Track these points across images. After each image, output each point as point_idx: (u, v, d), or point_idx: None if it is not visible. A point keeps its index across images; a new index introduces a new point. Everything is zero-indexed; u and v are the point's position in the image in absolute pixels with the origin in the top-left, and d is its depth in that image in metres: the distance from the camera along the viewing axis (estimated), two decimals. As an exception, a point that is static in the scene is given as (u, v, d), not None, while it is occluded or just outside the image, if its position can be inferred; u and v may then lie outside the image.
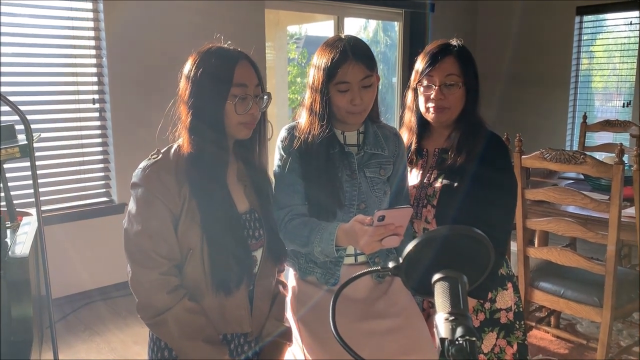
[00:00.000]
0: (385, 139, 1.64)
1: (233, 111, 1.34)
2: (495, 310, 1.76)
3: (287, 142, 1.59)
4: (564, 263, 2.36)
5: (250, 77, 1.36)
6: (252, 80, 1.36)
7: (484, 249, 0.79)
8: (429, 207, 1.71)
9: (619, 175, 2.10)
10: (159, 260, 1.32)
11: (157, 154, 1.38)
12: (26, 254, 1.74)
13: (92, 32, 3.54)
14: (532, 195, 2.43)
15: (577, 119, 5.50)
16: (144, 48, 3.62)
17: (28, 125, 2.01)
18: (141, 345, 2.98)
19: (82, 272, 3.53)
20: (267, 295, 1.50)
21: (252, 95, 1.35)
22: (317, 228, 1.48)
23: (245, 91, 1.34)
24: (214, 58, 1.34)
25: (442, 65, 1.68)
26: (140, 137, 3.39)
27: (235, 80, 1.33)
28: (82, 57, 3.56)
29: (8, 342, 1.64)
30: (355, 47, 1.50)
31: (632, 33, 5.16)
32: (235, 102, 1.33)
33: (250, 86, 1.35)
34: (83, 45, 3.54)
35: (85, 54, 3.57)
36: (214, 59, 1.34)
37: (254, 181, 1.48)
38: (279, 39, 6.26)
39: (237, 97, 1.33)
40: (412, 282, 0.82)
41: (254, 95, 1.36)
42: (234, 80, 1.32)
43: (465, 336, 0.65)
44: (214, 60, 1.34)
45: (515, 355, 1.78)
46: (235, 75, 1.33)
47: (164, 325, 1.33)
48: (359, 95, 1.50)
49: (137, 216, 1.33)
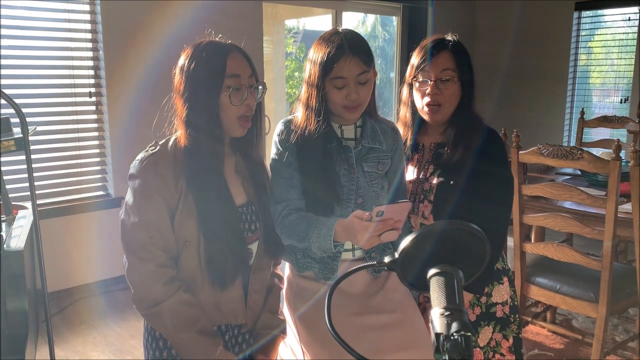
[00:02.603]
0: (383, 133, 1.63)
1: (229, 103, 1.34)
2: (492, 304, 1.76)
3: (284, 136, 1.57)
4: (560, 259, 2.36)
5: (243, 68, 1.36)
6: (245, 70, 1.37)
7: (480, 243, 0.79)
8: (426, 202, 1.71)
9: (616, 171, 2.10)
10: (155, 252, 1.33)
11: (155, 146, 1.39)
12: (21, 248, 1.73)
13: (88, 25, 3.52)
14: (529, 190, 2.43)
15: (574, 114, 5.50)
16: (140, 42, 3.60)
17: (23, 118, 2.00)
18: (137, 339, 2.98)
19: (78, 265, 3.53)
20: (262, 288, 1.51)
21: (246, 86, 1.36)
22: (315, 223, 1.47)
23: (238, 81, 1.34)
24: (206, 51, 1.35)
25: (437, 60, 1.67)
26: (136, 130, 3.38)
27: (228, 71, 1.33)
28: (78, 50, 3.54)
29: (3, 336, 1.64)
30: (352, 41, 1.48)
31: (631, 29, 5.16)
32: (230, 93, 1.33)
33: (243, 76, 1.36)
34: (80, 38, 3.52)
35: (82, 46, 3.55)
36: (206, 52, 1.35)
37: (251, 174, 1.49)
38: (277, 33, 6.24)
39: (231, 88, 1.33)
40: (408, 277, 0.82)
41: (248, 85, 1.37)
42: (226, 71, 1.33)
43: (460, 331, 0.65)
44: (206, 53, 1.35)
45: (511, 348, 1.79)
46: (227, 66, 1.33)
47: (159, 317, 1.34)
48: (355, 90, 1.48)
49: (133, 208, 1.34)
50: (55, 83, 3.49)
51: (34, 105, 3.40)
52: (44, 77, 3.45)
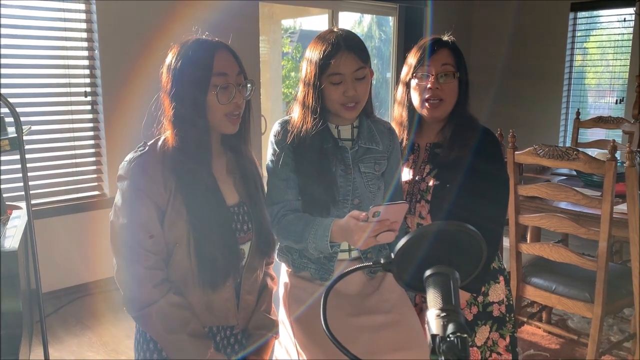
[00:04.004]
0: (379, 134, 1.63)
1: (216, 102, 1.32)
2: (488, 304, 1.77)
3: (280, 137, 1.57)
4: (555, 259, 2.36)
5: (231, 66, 1.34)
6: (233, 68, 1.34)
7: (477, 244, 0.78)
8: (423, 203, 1.71)
9: (612, 171, 2.11)
10: (144, 253, 1.31)
11: (144, 146, 1.36)
12: (15, 248, 1.72)
13: (84, 24, 3.50)
14: (524, 191, 2.43)
15: (570, 115, 5.52)
16: (136, 41, 3.59)
17: (18, 117, 1.99)
18: (133, 340, 2.97)
19: (73, 266, 3.52)
20: (254, 289, 1.49)
21: (234, 84, 1.33)
22: (312, 224, 1.47)
23: (226, 80, 1.32)
24: (193, 49, 1.33)
25: (437, 56, 1.68)
26: (132, 130, 3.36)
27: (215, 69, 1.31)
28: (74, 50, 3.53)
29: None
30: (347, 38, 1.49)
31: (626, 30, 5.17)
32: (217, 92, 1.31)
33: (231, 75, 1.33)
34: (75, 37, 3.51)
35: (77, 46, 3.53)
36: (192, 50, 1.32)
37: (243, 173, 1.46)
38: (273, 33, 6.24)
39: (218, 87, 1.31)
40: (404, 278, 0.81)
41: (236, 83, 1.34)
42: (213, 69, 1.31)
43: (456, 333, 0.65)
44: (193, 50, 1.32)
45: (507, 347, 1.80)
46: (215, 64, 1.31)
47: (149, 319, 1.33)
48: (353, 87, 1.48)
49: (122, 209, 1.32)
50: (51, 82, 3.47)
51: (29, 105, 3.39)
52: (39, 77, 3.44)
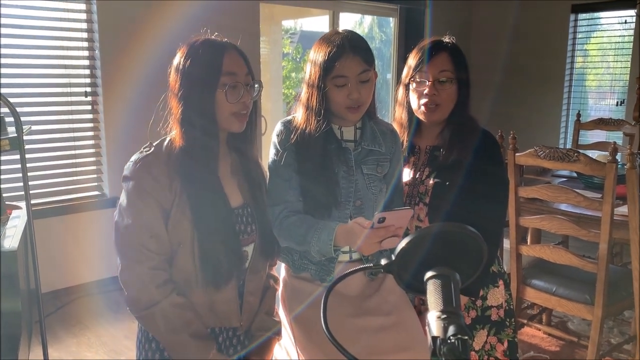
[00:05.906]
0: (382, 136, 1.63)
1: (225, 101, 1.33)
2: (487, 308, 1.76)
3: (283, 137, 1.56)
4: (556, 261, 2.36)
5: (240, 66, 1.35)
6: (242, 69, 1.36)
7: (477, 246, 0.78)
8: (422, 205, 1.71)
9: (612, 173, 2.10)
10: (148, 254, 1.32)
11: (150, 147, 1.37)
12: (15, 248, 1.72)
13: (85, 24, 3.50)
14: (525, 192, 2.43)
15: (571, 116, 5.52)
16: (137, 41, 3.59)
17: (18, 117, 1.99)
18: (132, 340, 2.96)
19: (72, 266, 3.51)
20: (257, 290, 1.50)
21: (242, 84, 1.35)
22: (315, 227, 1.46)
23: (235, 79, 1.33)
24: (202, 49, 1.34)
25: (435, 61, 1.67)
26: (132, 130, 3.37)
27: (224, 69, 1.32)
28: (74, 50, 3.52)
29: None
30: (353, 40, 1.48)
31: (627, 32, 5.17)
32: (226, 90, 1.32)
33: (240, 74, 1.35)
34: (76, 37, 3.51)
35: (77, 46, 3.53)
36: (202, 50, 1.33)
37: (248, 175, 1.47)
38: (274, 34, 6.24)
39: (227, 86, 1.32)
40: (404, 280, 0.81)
41: (245, 83, 1.36)
42: (223, 69, 1.32)
43: (457, 335, 0.65)
44: (202, 50, 1.33)
45: (505, 352, 1.79)
46: (224, 64, 1.32)
47: (152, 319, 1.33)
48: (357, 89, 1.48)
49: (127, 210, 1.32)
50: (51, 82, 3.47)
51: (29, 105, 3.38)
52: (39, 77, 3.43)
